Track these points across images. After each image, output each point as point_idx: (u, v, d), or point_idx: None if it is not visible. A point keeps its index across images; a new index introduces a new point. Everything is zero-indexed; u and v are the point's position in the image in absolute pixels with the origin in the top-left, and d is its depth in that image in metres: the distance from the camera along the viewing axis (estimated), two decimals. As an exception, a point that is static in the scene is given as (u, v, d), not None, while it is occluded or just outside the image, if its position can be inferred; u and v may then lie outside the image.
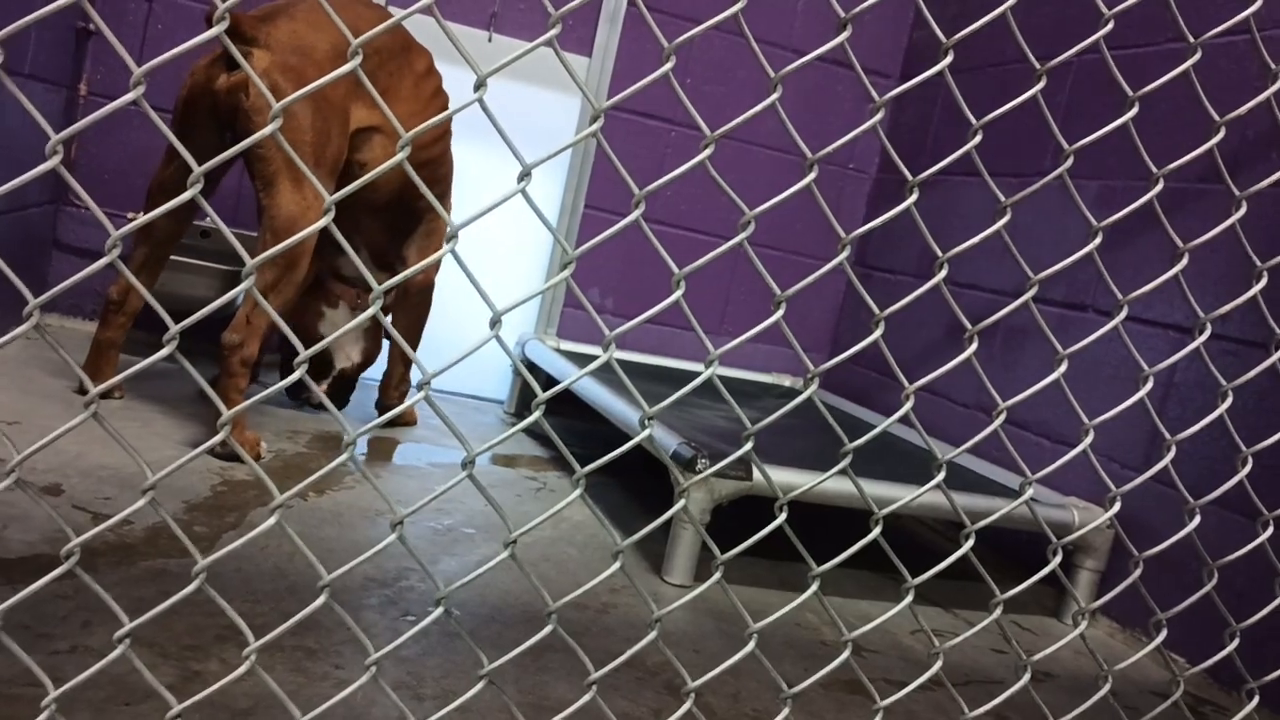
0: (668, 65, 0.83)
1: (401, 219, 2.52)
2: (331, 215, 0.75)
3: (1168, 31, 2.38)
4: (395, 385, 2.62)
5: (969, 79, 3.03)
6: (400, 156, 0.77)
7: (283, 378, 2.80)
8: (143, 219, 0.74)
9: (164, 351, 0.74)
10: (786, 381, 3.36)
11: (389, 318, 2.61)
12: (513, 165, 3.16)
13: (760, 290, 3.42)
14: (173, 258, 2.73)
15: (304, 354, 0.76)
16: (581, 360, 2.95)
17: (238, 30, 2.00)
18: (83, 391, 2.31)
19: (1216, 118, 1.03)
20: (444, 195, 2.58)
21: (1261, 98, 1.07)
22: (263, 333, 2.07)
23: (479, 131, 3.07)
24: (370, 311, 0.77)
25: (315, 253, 2.67)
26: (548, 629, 0.91)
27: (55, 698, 0.76)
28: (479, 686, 0.91)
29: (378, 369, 3.03)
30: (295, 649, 1.35)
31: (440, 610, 0.86)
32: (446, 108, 2.52)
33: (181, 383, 2.60)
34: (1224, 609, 1.20)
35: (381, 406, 2.66)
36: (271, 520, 0.79)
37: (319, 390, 0.75)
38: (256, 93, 2.02)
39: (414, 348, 2.61)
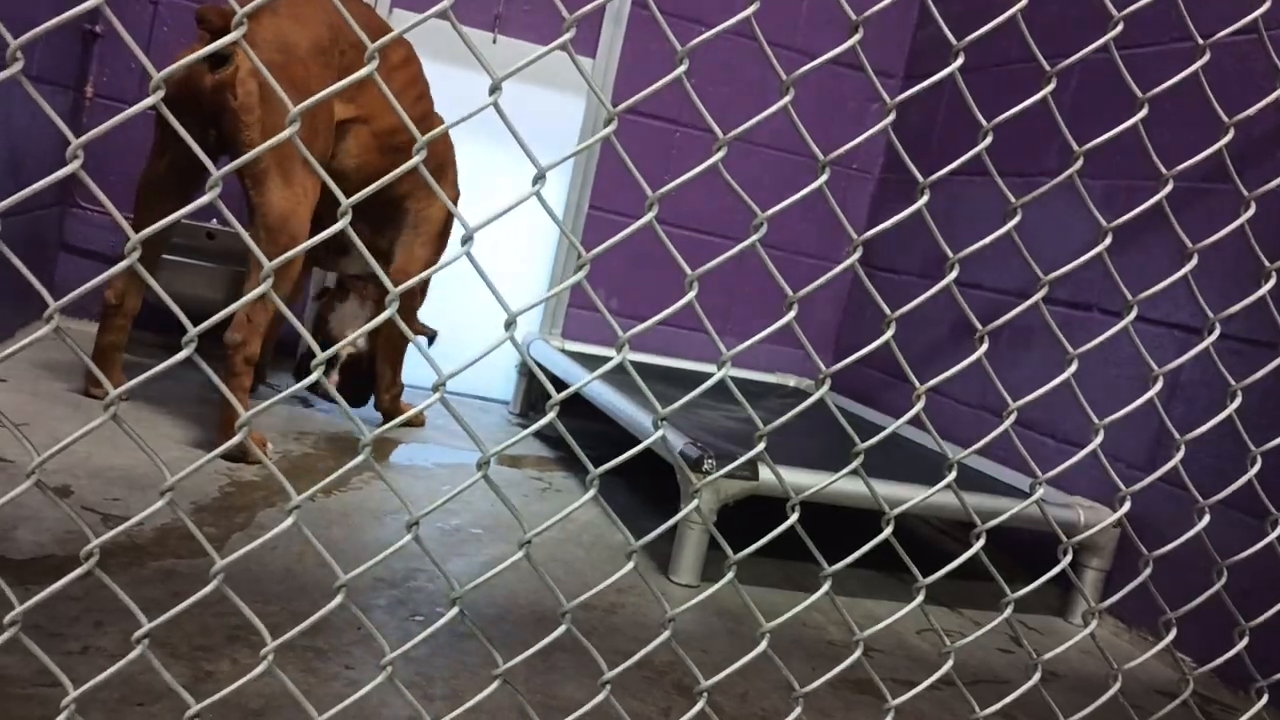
0: (680, 69, 0.83)
1: (383, 211, 2.52)
2: (349, 219, 0.75)
3: (1173, 31, 2.38)
4: (387, 388, 2.61)
5: (974, 79, 3.04)
6: (415, 161, 0.77)
7: (299, 375, 2.80)
8: (163, 222, 0.74)
9: (182, 354, 0.75)
10: (791, 382, 3.36)
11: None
12: (518, 165, 3.16)
13: (766, 291, 3.42)
14: (178, 259, 2.74)
15: (321, 356, 0.77)
16: (586, 360, 2.95)
17: (224, 28, 1.97)
18: (89, 394, 2.32)
19: (1226, 118, 1.03)
20: (436, 180, 2.55)
21: (1271, 98, 1.07)
22: (263, 330, 2.07)
23: (484, 132, 3.08)
24: (388, 313, 0.77)
25: (313, 253, 2.67)
26: (561, 629, 0.92)
27: (74, 698, 0.77)
28: (493, 687, 0.91)
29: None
30: (306, 649, 1.36)
31: (455, 610, 0.86)
32: (423, 95, 2.50)
33: (179, 384, 2.60)
34: (1233, 608, 1.20)
35: (379, 410, 2.66)
36: (289, 521, 0.79)
37: (331, 386, 0.76)
38: (245, 92, 2.01)
39: (400, 347, 2.59)
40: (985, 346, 0.96)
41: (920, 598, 1.01)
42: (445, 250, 2.61)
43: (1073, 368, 1.00)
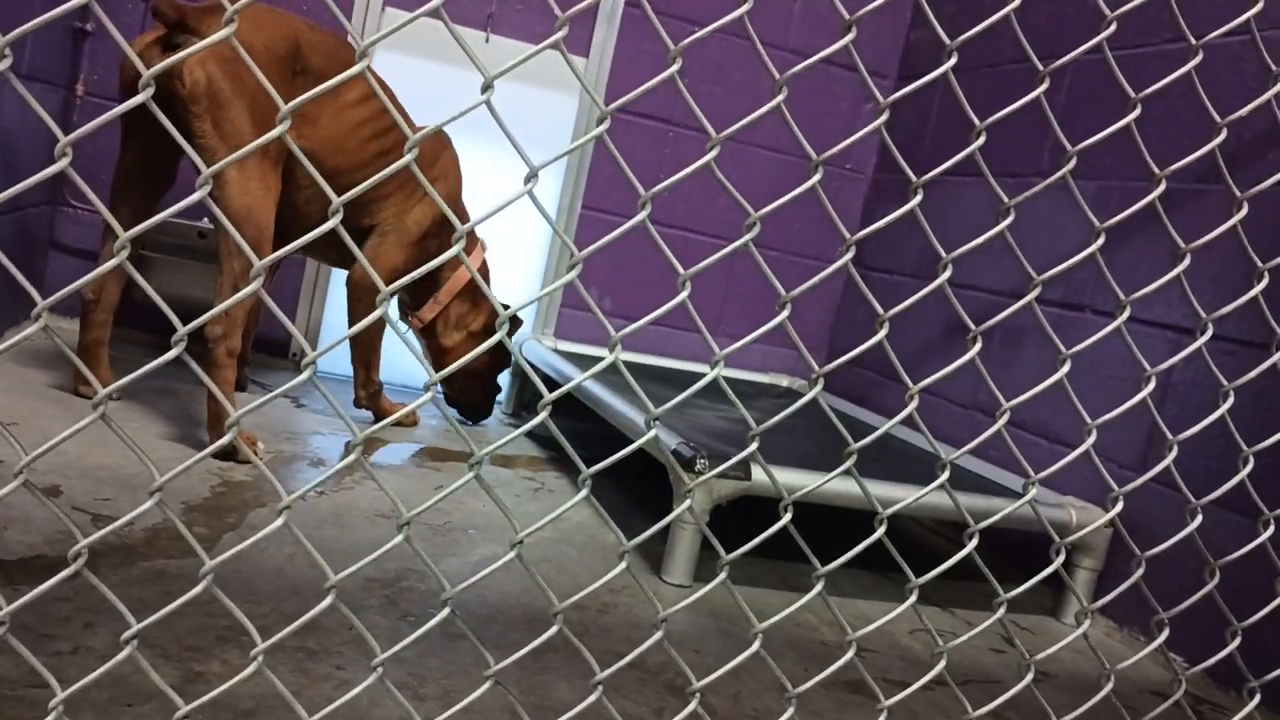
0: (674, 67, 0.83)
1: (348, 233, 2.48)
2: (340, 217, 0.75)
3: (1164, 32, 2.39)
4: (362, 385, 2.60)
5: (967, 79, 3.04)
6: (407, 159, 0.77)
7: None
8: (151, 221, 0.74)
9: (172, 353, 0.74)
10: (784, 381, 3.36)
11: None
12: (510, 164, 3.16)
13: (758, 290, 3.42)
14: (169, 258, 2.73)
15: (311, 356, 0.76)
16: (579, 360, 2.95)
17: (184, 21, 2.00)
18: (78, 393, 2.31)
19: (1219, 119, 1.03)
20: (395, 207, 2.51)
21: (1263, 99, 1.07)
22: (242, 323, 2.07)
23: (476, 131, 3.07)
24: (377, 313, 0.77)
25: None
26: (553, 629, 0.91)
27: (63, 699, 0.76)
28: (485, 687, 0.91)
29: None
30: (297, 650, 1.35)
31: (447, 611, 0.86)
32: (380, 134, 2.44)
33: (169, 383, 2.59)
34: (1225, 608, 1.20)
35: (358, 406, 2.65)
36: (279, 521, 0.79)
37: (326, 391, 0.75)
38: (192, 81, 2.00)
39: (370, 345, 2.58)
40: (978, 347, 0.96)
41: (913, 598, 1.00)
42: (421, 255, 2.57)
43: (1065, 368, 1.00)
